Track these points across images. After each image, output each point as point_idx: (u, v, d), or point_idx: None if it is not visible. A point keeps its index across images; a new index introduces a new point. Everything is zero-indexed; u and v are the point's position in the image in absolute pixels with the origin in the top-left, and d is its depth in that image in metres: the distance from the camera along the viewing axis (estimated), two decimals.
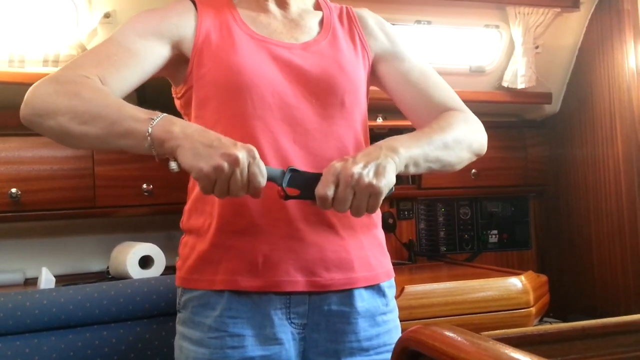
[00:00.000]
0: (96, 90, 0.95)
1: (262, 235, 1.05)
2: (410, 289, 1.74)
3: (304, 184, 0.97)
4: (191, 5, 1.13)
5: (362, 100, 1.16)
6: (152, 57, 1.06)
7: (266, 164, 1.01)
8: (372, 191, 0.94)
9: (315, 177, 0.97)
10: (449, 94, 1.18)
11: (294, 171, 0.97)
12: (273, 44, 1.11)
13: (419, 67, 1.20)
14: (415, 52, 1.23)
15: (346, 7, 1.23)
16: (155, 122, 0.89)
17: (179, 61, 1.10)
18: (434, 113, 1.15)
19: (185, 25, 1.10)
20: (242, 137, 1.02)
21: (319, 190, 0.94)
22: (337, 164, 0.95)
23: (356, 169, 0.93)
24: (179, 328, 1.11)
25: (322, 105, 1.10)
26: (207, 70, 1.08)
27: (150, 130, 0.88)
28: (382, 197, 0.95)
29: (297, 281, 1.05)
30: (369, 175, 0.94)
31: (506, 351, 0.61)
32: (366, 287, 1.11)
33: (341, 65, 1.13)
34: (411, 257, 2.47)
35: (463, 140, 1.10)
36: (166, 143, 0.88)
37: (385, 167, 0.95)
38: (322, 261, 1.06)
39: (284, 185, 0.96)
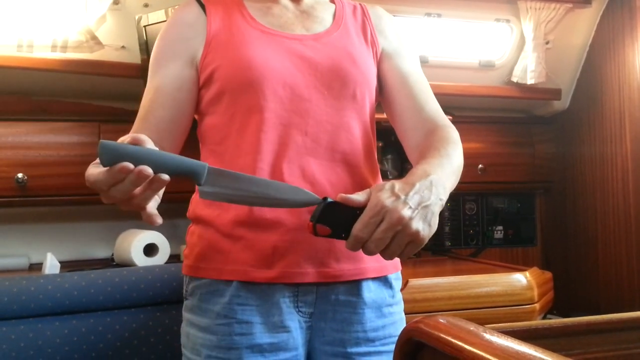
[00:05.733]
0: None
1: (272, 226, 1.04)
2: (415, 282, 1.74)
3: (338, 218, 0.88)
4: (200, 10, 1.14)
5: (372, 92, 1.16)
6: (177, 81, 1.10)
7: (280, 157, 1.03)
8: (414, 239, 0.87)
9: (353, 213, 0.87)
10: (438, 108, 1.17)
11: (329, 204, 0.88)
12: (283, 37, 1.11)
13: (419, 74, 1.19)
14: (418, 60, 1.23)
15: (360, 5, 1.23)
16: None
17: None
18: (422, 121, 1.13)
19: (196, 37, 1.11)
20: (255, 130, 1.05)
21: (358, 230, 0.86)
22: (388, 201, 0.86)
23: (406, 212, 0.85)
24: (186, 315, 1.11)
25: (334, 96, 1.10)
26: (217, 67, 1.08)
27: None
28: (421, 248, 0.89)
29: (307, 272, 1.05)
30: (417, 221, 0.87)
31: (510, 343, 0.60)
32: (374, 279, 1.11)
33: (353, 57, 1.13)
34: None
35: (462, 164, 1.08)
36: None
37: (434, 213, 0.89)
38: (331, 252, 1.06)
39: (315, 221, 0.88)
